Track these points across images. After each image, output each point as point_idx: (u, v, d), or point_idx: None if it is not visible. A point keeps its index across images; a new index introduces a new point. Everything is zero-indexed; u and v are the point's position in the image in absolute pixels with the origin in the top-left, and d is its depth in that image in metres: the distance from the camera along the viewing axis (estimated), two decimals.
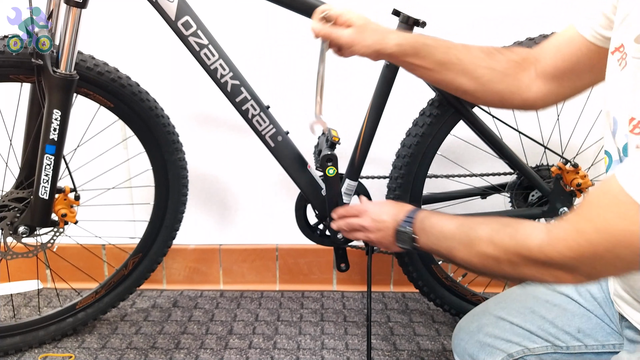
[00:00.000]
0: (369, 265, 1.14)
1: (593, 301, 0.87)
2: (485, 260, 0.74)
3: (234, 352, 1.36)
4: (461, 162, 1.51)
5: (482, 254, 0.74)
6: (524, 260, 0.68)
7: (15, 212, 1.18)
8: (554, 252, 0.64)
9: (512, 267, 0.70)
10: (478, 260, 0.76)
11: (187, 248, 1.68)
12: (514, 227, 0.71)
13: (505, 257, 0.71)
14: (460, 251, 0.79)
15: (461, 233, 0.80)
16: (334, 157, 1.12)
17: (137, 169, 1.52)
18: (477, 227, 0.77)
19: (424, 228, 0.89)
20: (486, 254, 0.73)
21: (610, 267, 0.61)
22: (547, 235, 0.66)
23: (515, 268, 0.70)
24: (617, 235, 0.58)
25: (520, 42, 1.19)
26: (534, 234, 0.68)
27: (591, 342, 0.84)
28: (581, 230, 0.62)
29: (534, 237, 0.67)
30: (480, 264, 0.76)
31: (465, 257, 0.78)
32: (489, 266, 0.74)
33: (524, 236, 0.69)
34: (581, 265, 0.63)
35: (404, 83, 1.26)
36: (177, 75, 1.52)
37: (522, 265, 0.69)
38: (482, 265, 0.75)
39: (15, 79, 1.11)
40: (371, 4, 1.36)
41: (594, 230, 0.60)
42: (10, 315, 1.51)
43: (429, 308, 1.59)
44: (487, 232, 0.75)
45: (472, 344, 0.91)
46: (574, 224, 0.63)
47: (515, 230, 0.71)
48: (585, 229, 0.61)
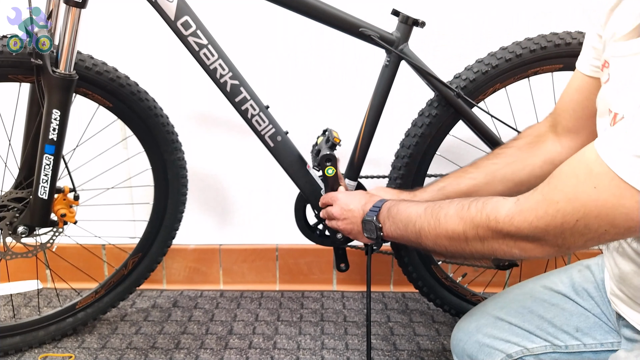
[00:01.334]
0: (369, 265, 1.14)
1: (591, 300, 0.87)
2: (454, 238, 0.73)
3: (234, 352, 1.36)
4: (460, 162, 1.51)
5: (451, 232, 0.73)
6: (493, 233, 0.68)
7: (15, 212, 1.18)
8: (523, 222, 0.64)
9: (481, 242, 0.70)
10: (446, 239, 0.75)
11: (187, 248, 1.68)
12: (482, 200, 0.71)
13: (474, 231, 0.70)
14: (428, 233, 0.78)
15: (428, 213, 0.79)
16: (333, 157, 1.12)
17: (137, 168, 1.52)
18: (445, 206, 0.77)
19: (390, 215, 0.88)
20: (455, 231, 0.73)
21: (579, 237, 0.60)
22: (516, 206, 0.65)
23: (484, 243, 0.70)
24: (587, 204, 0.57)
25: (519, 42, 1.19)
26: (503, 205, 0.67)
27: (589, 341, 0.84)
28: (552, 199, 0.61)
29: (502, 208, 0.67)
30: (448, 243, 0.75)
31: (433, 239, 0.77)
32: (457, 245, 0.74)
33: (493, 208, 0.68)
34: (550, 235, 0.62)
35: (403, 83, 1.26)
36: (176, 74, 1.52)
37: (491, 239, 0.69)
38: (451, 244, 0.75)
39: (14, 78, 1.11)
40: (371, 4, 1.36)
41: (564, 199, 0.60)
42: (10, 315, 1.51)
43: (429, 308, 1.59)
44: (455, 209, 0.74)
45: (470, 345, 0.91)
46: (545, 194, 0.63)
47: (483, 204, 0.70)
48: (555, 198, 0.61)
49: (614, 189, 0.55)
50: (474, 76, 1.19)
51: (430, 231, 0.77)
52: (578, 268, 0.93)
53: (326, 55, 1.51)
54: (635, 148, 0.53)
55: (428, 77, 1.19)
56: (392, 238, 0.90)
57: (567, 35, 1.18)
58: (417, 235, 0.80)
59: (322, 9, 1.12)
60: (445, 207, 0.76)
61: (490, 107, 1.28)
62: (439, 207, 0.78)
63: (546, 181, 0.64)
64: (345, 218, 1.02)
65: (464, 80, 1.19)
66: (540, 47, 1.17)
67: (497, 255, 0.70)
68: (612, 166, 0.55)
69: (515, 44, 1.20)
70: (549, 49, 1.17)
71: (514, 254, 0.68)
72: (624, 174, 0.54)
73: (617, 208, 0.55)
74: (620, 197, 0.54)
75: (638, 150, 0.53)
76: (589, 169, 0.58)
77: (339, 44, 1.48)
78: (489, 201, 0.70)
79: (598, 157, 0.57)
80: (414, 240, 0.82)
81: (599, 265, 0.91)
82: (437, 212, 0.77)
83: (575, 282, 0.90)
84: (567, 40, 1.17)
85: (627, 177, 0.54)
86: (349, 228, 1.01)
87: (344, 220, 1.02)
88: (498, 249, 0.69)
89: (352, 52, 1.49)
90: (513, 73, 1.20)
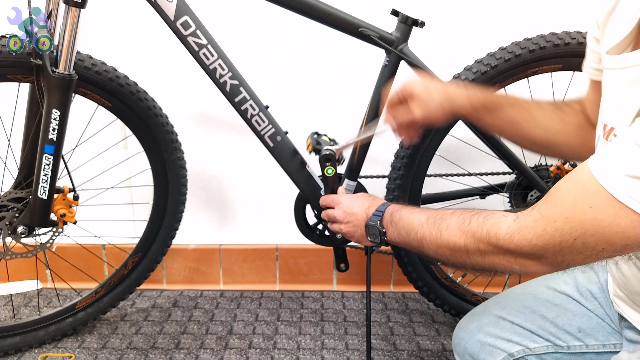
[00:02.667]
0: (369, 265, 1.14)
1: (594, 301, 0.87)
2: (455, 250, 0.74)
3: (234, 352, 1.36)
4: (460, 162, 1.51)
5: (452, 244, 0.74)
6: (493, 248, 0.68)
7: (14, 212, 1.18)
8: (522, 240, 0.64)
9: (482, 256, 0.70)
10: (448, 250, 0.75)
11: (187, 248, 1.68)
12: (484, 215, 0.71)
13: (474, 245, 0.70)
14: (430, 242, 0.78)
15: (430, 224, 0.79)
16: (333, 157, 1.12)
17: (136, 168, 1.52)
18: (446, 217, 0.77)
19: (393, 221, 0.88)
20: (456, 244, 0.73)
21: (577, 255, 0.61)
22: (516, 224, 0.66)
23: (484, 257, 0.70)
24: (584, 224, 0.58)
25: (518, 42, 1.19)
26: (503, 222, 0.68)
27: (592, 342, 0.84)
28: (550, 218, 0.61)
29: (502, 225, 0.67)
30: (450, 254, 0.75)
31: (435, 248, 0.77)
32: (458, 257, 0.74)
33: (493, 224, 0.68)
34: (549, 253, 0.63)
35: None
36: (176, 74, 1.52)
37: (491, 254, 0.69)
38: (452, 255, 0.75)
39: (14, 78, 1.11)
40: (371, 4, 1.36)
41: (562, 219, 0.60)
42: (10, 315, 1.51)
43: (429, 308, 1.59)
44: (456, 221, 0.74)
45: (472, 344, 0.90)
46: (543, 212, 0.63)
47: (484, 219, 0.70)
48: (553, 216, 0.61)
49: (608, 208, 0.55)
50: (473, 76, 1.19)
51: (432, 241, 0.78)
52: (582, 269, 0.93)
53: (326, 55, 1.51)
54: (627, 168, 0.54)
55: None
56: (395, 243, 0.90)
57: (566, 35, 1.18)
58: (419, 244, 0.81)
59: (321, 9, 1.12)
60: (447, 218, 0.77)
61: None
62: (441, 217, 0.78)
63: (544, 198, 0.64)
64: (348, 221, 1.01)
65: (463, 80, 1.19)
66: (539, 47, 1.17)
67: (498, 270, 0.71)
68: (605, 186, 0.55)
69: (514, 44, 1.19)
70: (548, 49, 1.17)
71: (514, 269, 0.68)
72: (617, 194, 0.54)
73: (612, 227, 0.56)
74: (615, 217, 0.55)
75: (629, 170, 0.54)
76: (585, 188, 0.58)
77: (338, 44, 1.48)
78: (490, 217, 0.70)
79: (592, 177, 0.57)
80: (416, 248, 0.83)
81: (602, 267, 0.91)
82: (439, 223, 0.77)
83: (579, 282, 0.90)
84: (566, 40, 1.17)
85: (620, 197, 0.54)
86: (352, 231, 1.00)
87: (347, 224, 1.01)
88: (498, 264, 0.69)
89: (352, 52, 1.49)
90: (512, 73, 1.20)
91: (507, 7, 1.45)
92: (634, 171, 0.53)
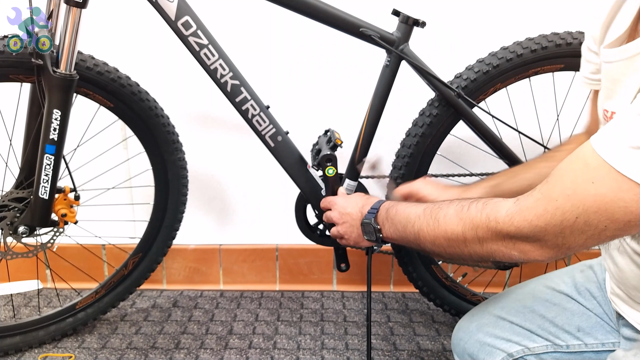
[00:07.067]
0: (369, 265, 1.14)
1: (592, 300, 0.87)
2: (452, 239, 0.73)
3: (234, 352, 1.36)
4: (461, 162, 1.51)
5: (450, 232, 0.73)
6: (492, 234, 0.67)
7: (15, 212, 1.18)
8: (523, 221, 0.63)
9: (480, 244, 0.69)
10: (445, 240, 0.74)
11: (187, 248, 1.68)
12: (483, 201, 0.71)
13: (473, 232, 0.69)
14: (427, 234, 0.77)
15: (427, 214, 0.78)
16: (334, 157, 1.12)
17: (137, 168, 1.52)
18: (444, 206, 0.76)
19: (388, 216, 0.87)
20: (454, 232, 0.72)
21: (579, 235, 0.59)
22: (516, 205, 0.65)
23: (482, 245, 0.69)
24: (586, 201, 0.56)
25: (520, 42, 1.19)
26: (502, 205, 0.67)
27: (591, 341, 0.84)
28: (550, 197, 0.61)
29: (502, 208, 0.66)
30: (447, 244, 0.74)
31: (432, 240, 0.76)
32: (456, 246, 0.73)
33: (493, 208, 0.68)
34: (550, 235, 0.61)
35: (403, 83, 1.26)
36: (177, 75, 1.52)
37: (490, 241, 0.68)
38: (449, 245, 0.74)
39: (15, 78, 1.11)
40: (371, 4, 1.36)
41: (563, 197, 0.59)
42: (10, 315, 1.51)
43: (429, 308, 1.59)
44: (454, 209, 0.73)
45: (471, 344, 0.90)
46: (544, 192, 0.62)
47: (483, 204, 0.70)
48: (554, 195, 0.60)
49: (611, 182, 0.54)
50: (475, 76, 1.19)
51: (429, 232, 0.77)
52: (580, 268, 0.93)
53: (326, 55, 1.51)
54: (629, 139, 0.53)
55: (428, 77, 1.19)
56: (391, 239, 0.89)
57: (568, 35, 1.18)
58: (415, 237, 0.80)
59: (322, 9, 1.12)
60: (444, 207, 0.76)
61: (491, 107, 1.29)
62: (439, 207, 0.77)
63: (545, 179, 0.63)
64: (344, 222, 1.01)
65: (465, 80, 1.19)
66: (541, 47, 1.17)
67: (496, 258, 0.69)
68: (607, 159, 0.54)
69: (516, 44, 1.20)
70: (550, 48, 1.17)
71: (513, 256, 0.67)
72: (619, 166, 0.53)
73: (615, 202, 0.54)
74: (618, 190, 0.54)
75: (632, 142, 0.52)
76: (586, 163, 0.57)
77: (339, 44, 1.48)
78: (489, 202, 0.69)
79: (594, 152, 0.56)
80: (412, 242, 0.82)
81: (601, 266, 0.91)
82: (437, 213, 0.76)
83: (578, 282, 0.90)
84: (568, 40, 1.17)
85: (623, 169, 0.53)
86: (349, 232, 1.00)
87: (344, 224, 1.01)
88: (497, 250, 0.68)
89: (353, 52, 1.49)
90: (514, 73, 1.20)
91: (508, 7, 1.46)
92: (637, 142, 0.52)
